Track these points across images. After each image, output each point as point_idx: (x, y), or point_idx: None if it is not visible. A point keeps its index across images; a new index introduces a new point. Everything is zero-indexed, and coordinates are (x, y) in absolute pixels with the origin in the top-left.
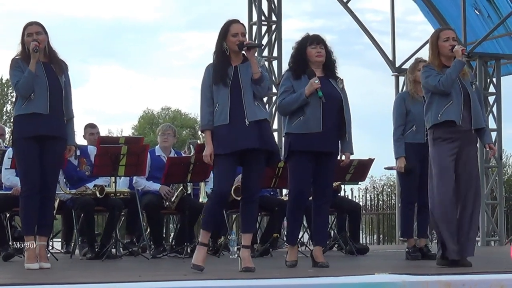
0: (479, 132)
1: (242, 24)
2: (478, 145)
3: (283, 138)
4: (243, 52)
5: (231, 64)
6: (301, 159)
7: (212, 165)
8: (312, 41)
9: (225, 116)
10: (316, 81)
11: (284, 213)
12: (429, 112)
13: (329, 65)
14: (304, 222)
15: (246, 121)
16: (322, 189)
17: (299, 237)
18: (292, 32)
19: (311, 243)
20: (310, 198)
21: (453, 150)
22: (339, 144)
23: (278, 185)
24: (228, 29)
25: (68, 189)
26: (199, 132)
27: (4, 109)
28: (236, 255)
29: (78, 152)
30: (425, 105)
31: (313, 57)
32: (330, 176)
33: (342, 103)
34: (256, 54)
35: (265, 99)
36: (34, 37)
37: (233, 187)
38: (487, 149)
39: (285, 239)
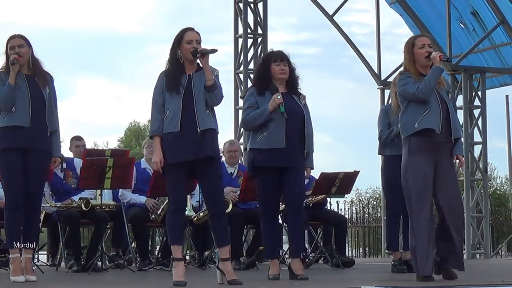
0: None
1: (197, 32)
2: (464, 158)
3: (247, 154)
4: (198, 61)
5: (185, 72)
6: (266, 175)
7: (162, 172)
8: (276, 58)
9: (175, 124)
10: (279, 97)
11: None
12: (404, 120)
13: (292, 81)
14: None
15: (198, 130)
16: (292, 202)
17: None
18: (278, 45)
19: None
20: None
21: (431, 161)
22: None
23: None
24: (182, 36)
25: (53, 201)
26: None
27: None
28: (216, 267)
29: (64, 165)
30: (400, 113)
31: (277, 74)
32: (298, 189)
33: (304, 119)
34: (242, 68)
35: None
36: (16, 50)
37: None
38: (455, 160)
39: None
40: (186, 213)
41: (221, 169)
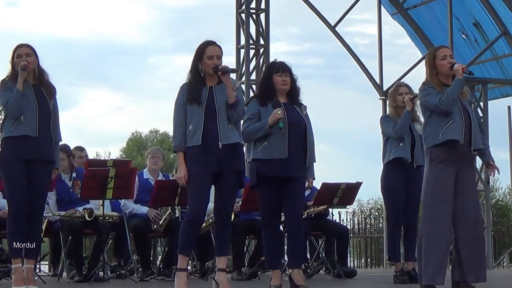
0: (480, 152)
1: (219, 46)
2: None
3: (249, 164)
4: (221, 77)
5: (206, 84)
6: (267, 185)
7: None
8: (278, 69)
9: (197, 137)
10: (279, 112)
11: None
12: (427, 131)
13: (293, 92)
14: None
15: (220, 143)
16: (291, 212)
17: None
18: (280, 55)
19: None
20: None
21: (452, 172)
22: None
23: None
24: (204, 51)
25: (57, 210)
26: None
27: None
28: (212, 278)
29: (74, 174)
30: (423, 124)
31: (279, 85)
32: (298, 199)
33: (306, 129)
34: (244, 79)
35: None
36: (23, 58)
37: None
38: (486, 167)
39: None
40: None
41: (245, 180)
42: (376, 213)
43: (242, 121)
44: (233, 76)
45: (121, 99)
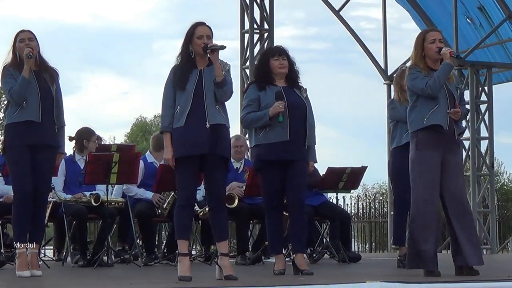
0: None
1: (209, 27)
2: (470, 153)
3: (251, 150)
4: (209, 55)
5: (197, 67)
6: (270, 170)
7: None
8: (274, 53)
9: (183, 119)
10: (281, 106)
11: None
12: (413, 115)
13: (292, 75)
14: None
15: (207, 123)
16: (293, 196)
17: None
18: (285, 40)
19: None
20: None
21: (437, 156)
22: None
23: None
24: (193, 32)
25: (64, 195)
26: None
27: None
28: (215, 262)
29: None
30: (408, 107)
31: (276, 68)
32: (300, 182)
33: (306, 112)
34: (249, 63)
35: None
36: (27, 42)
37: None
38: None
39: None
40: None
41: (230, 165)
42: (381, 198)
43: (241, 108)
44: (234, 60)
45: (126, 84)
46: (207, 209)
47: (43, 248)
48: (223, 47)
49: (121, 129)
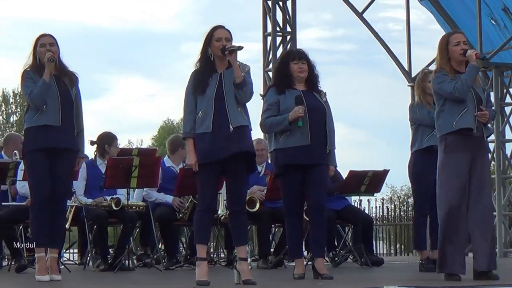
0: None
1: (227, 30)
2: (495, 155)
3: (270, 155)
4: (227, 57)
5: (216, 70)
6: (290, 174)
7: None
8: (294, 56)
9: (208, 124)
10: (300, 111)
11: None
12: (441, 119)
13: (311, 79)
14: None
15: (230, 127)
16: (313, 200)
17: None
18: (312, 42)
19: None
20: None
21: (466, 159)
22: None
23: None
24: (212, 35)
25: (85, 199)
26: None
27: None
28: (234, 267)
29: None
30: (436, 112)
31: (296, 72)
32: (321, 186)
33: (326, 116)
34: (271, 66)
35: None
36: (48, 47)
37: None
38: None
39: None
40: (219, 212)
41: (255, 165)
42: (409, 200)
43: (261, 112)
44: (257, 63)
45: (153, 86)
46: (223, 217)
47: (68, 251)
48: (240, 48)
49: (148, 132)
